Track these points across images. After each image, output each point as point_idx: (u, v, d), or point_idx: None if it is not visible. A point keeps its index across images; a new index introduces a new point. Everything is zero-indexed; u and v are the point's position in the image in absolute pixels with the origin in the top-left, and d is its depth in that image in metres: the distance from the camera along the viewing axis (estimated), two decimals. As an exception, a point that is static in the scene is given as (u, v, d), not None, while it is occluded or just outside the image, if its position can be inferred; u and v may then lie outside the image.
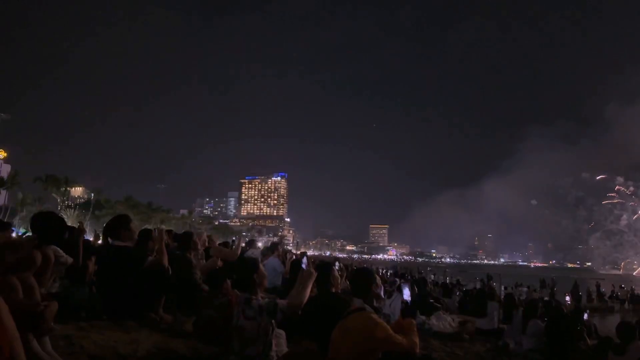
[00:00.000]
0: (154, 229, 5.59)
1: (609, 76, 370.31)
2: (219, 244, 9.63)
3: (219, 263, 6.46)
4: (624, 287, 34.31)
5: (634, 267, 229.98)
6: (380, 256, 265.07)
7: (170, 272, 4.84)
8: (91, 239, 7.82)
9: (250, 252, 9.64)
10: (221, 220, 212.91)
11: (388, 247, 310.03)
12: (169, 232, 8.30)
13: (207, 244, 8.03)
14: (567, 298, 32.79)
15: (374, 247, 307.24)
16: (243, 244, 10.55)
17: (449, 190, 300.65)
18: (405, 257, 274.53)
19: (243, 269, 3.87)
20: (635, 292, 32.17)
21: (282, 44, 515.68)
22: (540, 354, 6.84)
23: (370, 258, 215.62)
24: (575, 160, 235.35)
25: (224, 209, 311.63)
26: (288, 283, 6.59)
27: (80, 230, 4.73)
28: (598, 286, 34.12)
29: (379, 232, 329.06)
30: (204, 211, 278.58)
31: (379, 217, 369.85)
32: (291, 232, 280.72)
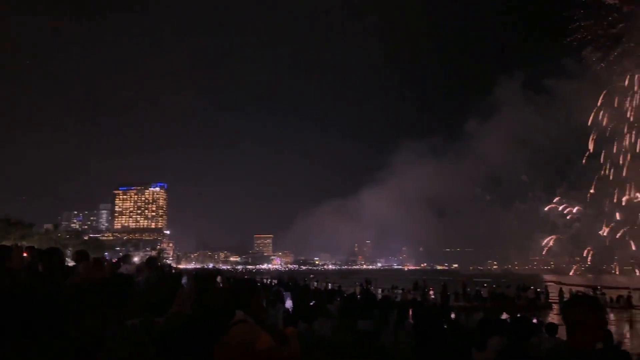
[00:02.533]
0: (13, 247, 5.02)
1: (469, 94, 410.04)
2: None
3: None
4: (486, 286, 37.89)
5: (494, 266, 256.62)
6: (264, 266, 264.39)
7: (32, 294, 4.37)
8: None
9: (124, 268, 9.06)
10: (92, 235, 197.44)
11: (272, 257, 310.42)
12: (30, 249, 7.56)
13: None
14: (431, 292, 35.40)
15: (258, 257, 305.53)
16: (115, 260, 9.90)
17: (330, 201, 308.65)
18: (289, 265, 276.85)
19: (115, 286, 3.62)
20: (497, 290, 35.61)
21: (161, 52, 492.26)
22: (413, 352, 7.25)
23: (254, 268, 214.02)
24: (442, 172, 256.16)
25: (94, 222, 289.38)
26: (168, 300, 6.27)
27: None
28: (464, 286, 37.31)
29: (264, 242, 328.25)
30: (72, 225, 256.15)
31: (264, 228, 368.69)
32: (171, 245, 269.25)
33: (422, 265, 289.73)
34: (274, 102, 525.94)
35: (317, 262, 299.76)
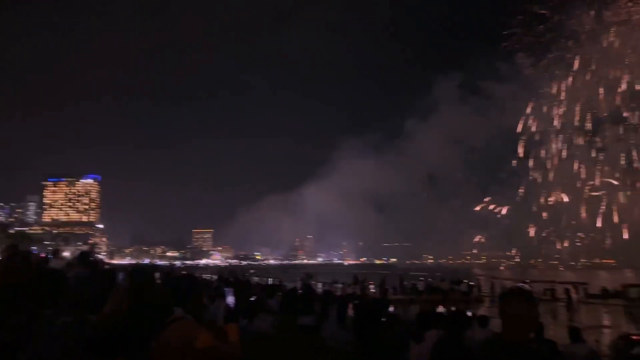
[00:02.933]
0: None
1: (410, 93, 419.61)
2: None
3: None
4: (422, 280, 39.12)
5: (429, 260, 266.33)
6: (203, 261, 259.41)
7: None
8: None
9: (54, 263, 8.61)
10: (18, 228, 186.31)
11: (212, 252, 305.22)
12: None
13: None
14: (371, 286, 36.30)
15: (197, 252, 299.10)
16: (44, 254, 9.39)
17: (272, 195, 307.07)
18: (230, 260, 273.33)
19: (45, 282, 3.42)
20: (433, 284, 36.82)
21: (94, 44, 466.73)
22: (352, 345, 7.35)
23: (193, 264, 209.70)
24: (382, 168, 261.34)
25: (22, 215, 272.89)
26: (101, 297, 6.02)
27: None
28: (401, 280, 38.38)
29: (203, 236, 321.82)
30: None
31: (203, 222, 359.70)
32: (104, 239, 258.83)
33: (361, 259, 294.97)
34: (213, 96, 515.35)
35: (258, 257, 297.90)
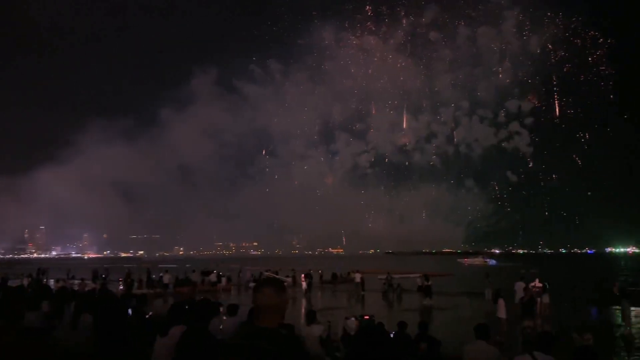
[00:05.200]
0: None
1: (165, 81, 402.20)
2: None
3: None
4: (167, 272, 38.48)
5: (180, 252, 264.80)
6: None
7: None
8: None
9: None
10: None
11: None
12: None
13: None
14: (120, 281, 34.49)
15: None
16: None
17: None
18: None
19: None
20: (182, 275, 36.42)
21: None
22: (93, 346, 6.77)
23: None
24: (132, 156, 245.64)
25: None
26: None
27: None
28: (148, 273, 37.04)
29: None
30: None
31: None
32: None
33: (105, 253, 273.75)
34: None
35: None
